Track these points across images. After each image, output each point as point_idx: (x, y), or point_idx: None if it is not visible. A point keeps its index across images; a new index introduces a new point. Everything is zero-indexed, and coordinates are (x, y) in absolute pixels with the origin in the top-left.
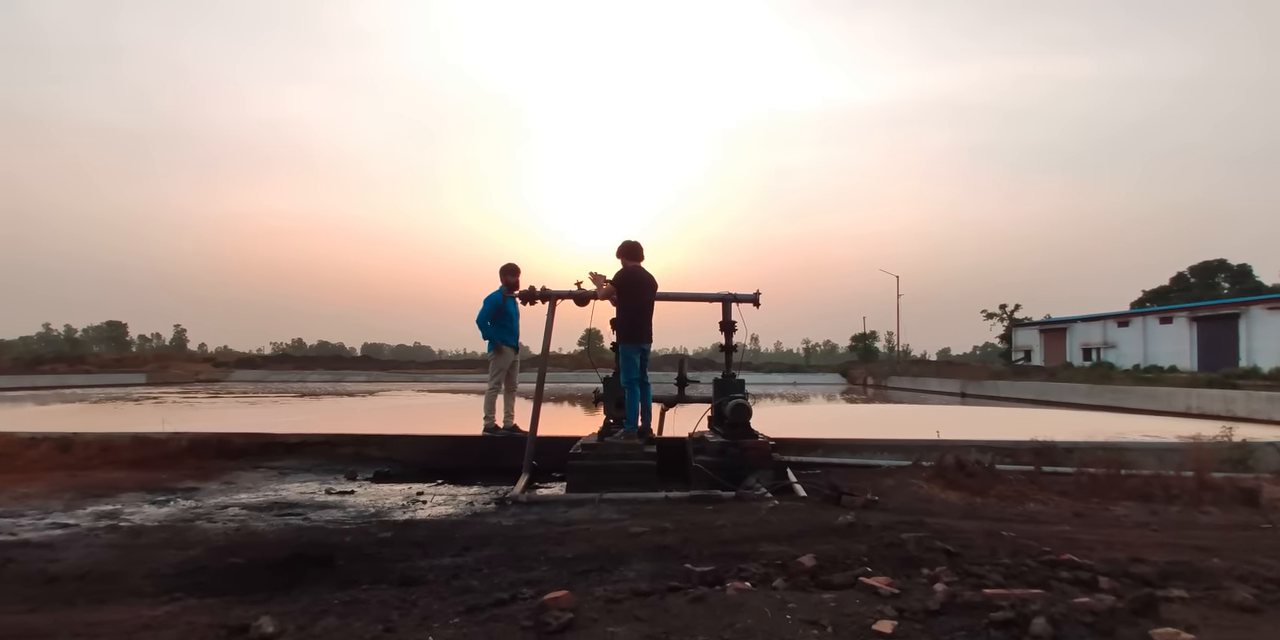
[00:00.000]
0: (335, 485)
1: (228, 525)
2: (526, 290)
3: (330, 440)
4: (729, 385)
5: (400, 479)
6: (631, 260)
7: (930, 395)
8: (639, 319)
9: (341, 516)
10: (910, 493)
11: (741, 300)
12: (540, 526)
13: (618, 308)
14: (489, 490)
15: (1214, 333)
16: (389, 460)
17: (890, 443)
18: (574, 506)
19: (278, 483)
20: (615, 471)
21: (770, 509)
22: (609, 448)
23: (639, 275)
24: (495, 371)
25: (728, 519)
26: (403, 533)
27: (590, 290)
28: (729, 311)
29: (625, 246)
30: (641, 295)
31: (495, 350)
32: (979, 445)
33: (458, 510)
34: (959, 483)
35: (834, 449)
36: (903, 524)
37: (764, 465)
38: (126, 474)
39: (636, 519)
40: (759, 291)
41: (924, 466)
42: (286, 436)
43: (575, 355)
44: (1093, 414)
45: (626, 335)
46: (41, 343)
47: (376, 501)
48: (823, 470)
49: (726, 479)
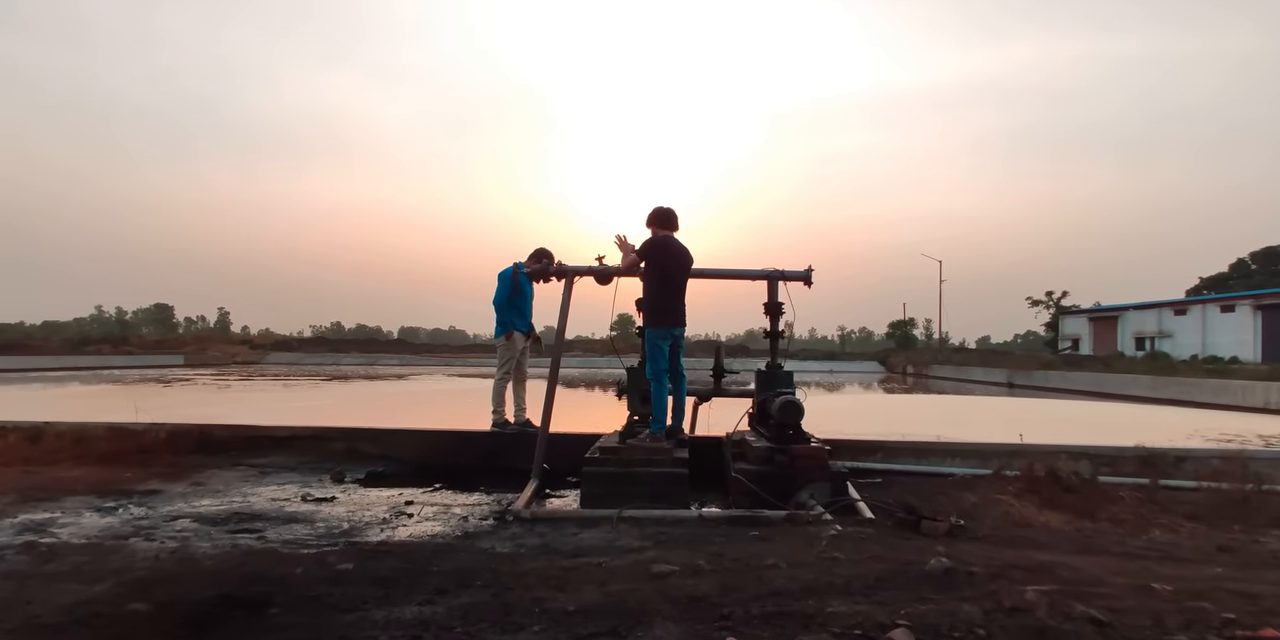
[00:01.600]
0: (316, 489)
1: (164, 545)
2: (540, 267)
3: (321, 434)
4: (775, 378)
5: (393, 481)
6: (663, 229)
7: (975, 385)
8: (669, 298)
9: (306, 535)
10: (1001, 513)
11: (790, 278)
12: (541, 557)
13: (645, 284)
14: (491, 499)
15: None
16: (384, 458)
17: (963, 446)
18: (586, 527)
19: (253, 485)
20: (638, 481)
21: (833, 538)
22: (631, 452)
23: (671, 246)
24: (504, 359)
25: (780, 554)
26: (368, 564)
27: (613, 266)
28: (775, 291)
29: (656, 213)
30: (673, 270)
31: (505, 335)
32: (1070, 451)
33: (446, 528)
34: (1058, 501)
35: (896, 453)
36: (1015, 569)
37: (819, 477)
38: (88, 471)
39: (663, 549)
40: (811, 268)
41: (1008, 478)
42: (274, 430)
43: (609, 340)
44: (1162, 409)
45: (654, 317)
46: (94, 324)
47: (355, 513)
48: (884, 479)
49: (773, 494)
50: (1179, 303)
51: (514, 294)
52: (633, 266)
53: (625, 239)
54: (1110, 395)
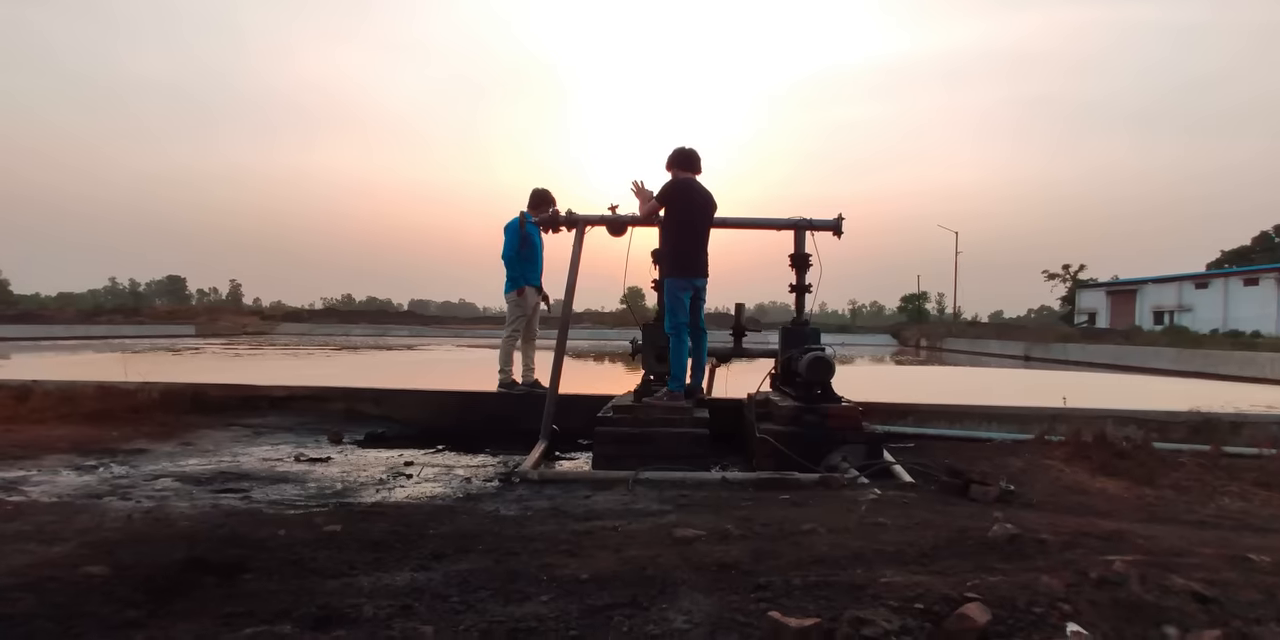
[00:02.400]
0: (311, 450)
1: (139, 505)
2: (548, 216)
3: (319, 394)
4: (801, 335)
5: (393, 443)
6: (685, 171)
7: (991, 358)
8: (690, 245)
9: (294, 496)
10: (1051, 479)
11: (819, 227)
12: (551, 521)
13: (663, 231)
14: (496, 461)
15: None
16: (385, 419)
17: (1000, 410)
18: (600, 489)
19: (245, 445)
20: (655, 441)
21: (873, 503)
22: (648, 410)
23: (693, 189)
24: (515, 316)
25: (817, 519)
26: (359, 526)
27: (627, 215)
28: (802, 242)
29: (677, 154)
30: (694, 215)
31: (516, 291)
32: (1117, 416)
33: (447, 490)
34: (1112, 466)
35: (929, 417)
36: (1089, 537)
37: (853, 439)
38: (73, 430)
39: (685, 513)
40: (841, 216)
41: (1053, 443)
42: (271, 389)
43: (618, 313)
44: (1189, 382)
45: (674, 266)
46: (107, 296)
47: (350, 474)
48: (916, 444)
49: (803, 456)
50: (1200, 276)
51: (523, 246)
52: (652, 213)
53: (642, 185)
54: (1132, 368)
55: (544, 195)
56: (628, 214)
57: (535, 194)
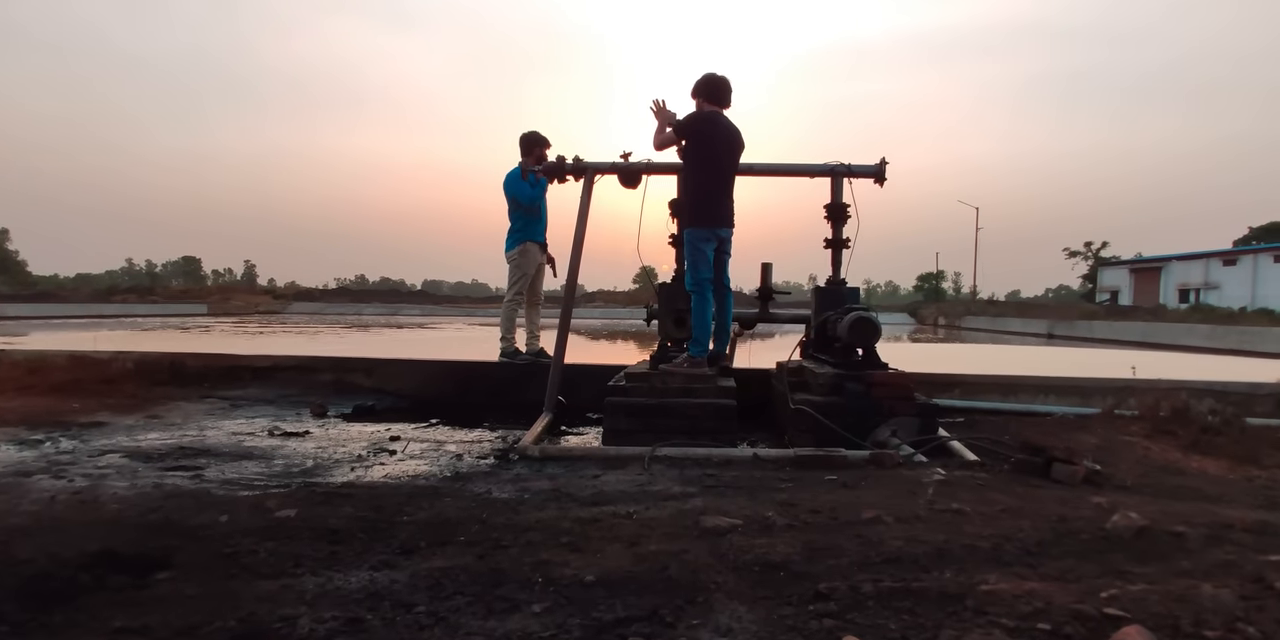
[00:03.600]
0: (290, 424)
1: (70, 484)
2: (553, 163)
3: (306, 364)
4: (838, 295)
5: (383, 416)
6: (712, 103)
7: (1013, 336)
8: (715, 189)
9: (255, 474)
10: (1137, 458)
11: (858, 174)
12: (551, 505)
13: (685, 171)
14: (494, 436)
15: None
16: (377, 392)
17: (1058, 382)
18: (611, 468)
19: (217, 418)
20: (674, 413)
21: (940, 485)
22: (666, 378)
23: (720, 124)
24: (517, 277)
25: (877, 504)
26: (317, 511)
27: (641, 162)
28: (840, 190)
29: (706, 81)
30: (720, 152)
31: (518, 248)
32: (1192, 388)
33: (434, 468)
34: (1205, 444)
35: (978, 389)
36: (1231, 529)
37: (903, 410)
38: (31, 400)
39: (713, 496)
40: (885, 161)
41: (1124, 417)
42: (254, 359)
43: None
44: (1230, 359)
45: (696, 214)
46: (124, 276)
47: (326, 449)
48: (966, 419)
49: (846, 430)
50: (1228, 253)
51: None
52: (666, 144)
53: (664, 104)
54: (1162, 346)
55: (534, 138)
56: (642, 161)
57: (525, 139)
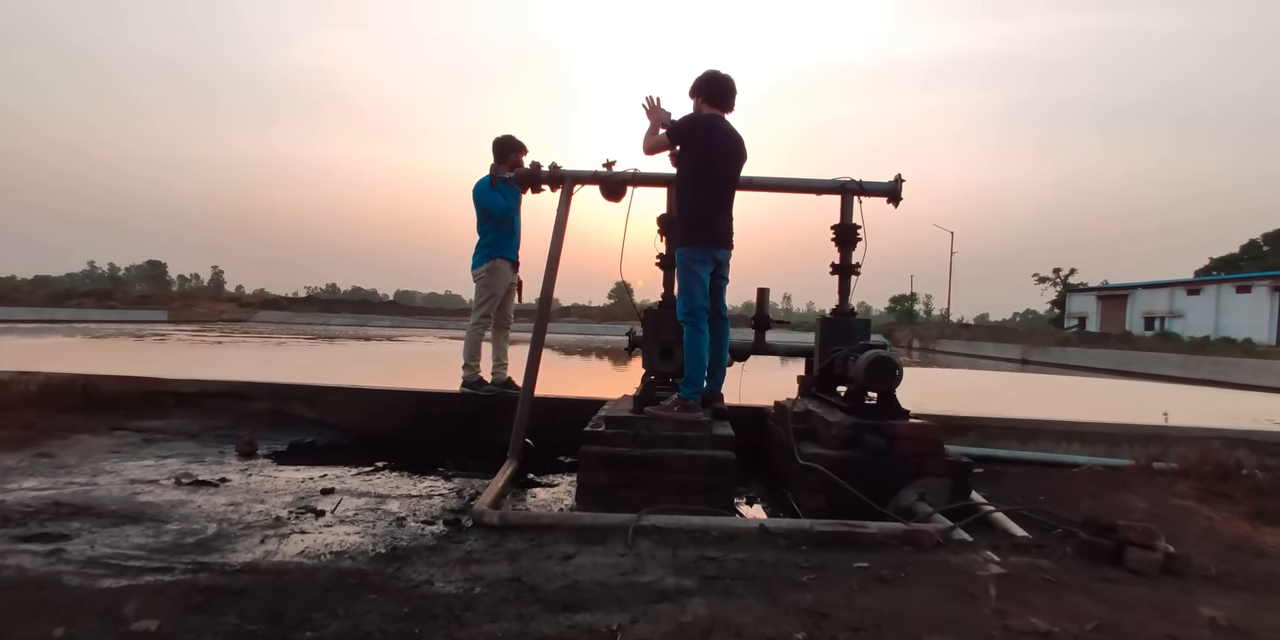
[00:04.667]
0: (206, 467)
1: None
2: (527, 171)
3: (240, 391)
4: (845, 327)
5: (323, 456)
6: (713, 105)
7: (987, 361)
8: (712, 203)
9: (134, 549)
10: (1201, 530)
11: (870, 191)
12: (510, 611)
13: (678, 183)
14: (449, 488)
15: None
16: (319, 424)
17: (1082, 427)
18: (586, 542)
19: (122, 458)
20: (662, 467)
21: (999, 581)
22: (653, 425)
23: (720, 129)
24: (484, 298)
25: (932, 617)
26: (190, 621)
27: (626, 172)
28: (849, 211)
29: (707, 79)
30: (719, 162)
31: (486, 265)
32: (1226, 437)
33: (366, 539)
34: (1268, 513)
35: (995, 433)
36: None
37: (932, 468)
38: None
39: (717, 595)
40: (900, 178)
41: (1162, 471)
42: (179, 384)
43: (606, 307)
44: (1212, 391)
45: (689, 232)
46: (85, 279)
47: (240, 508)
48: (985, 469)
49: (864, 490)
50: (1192, 282)
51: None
52: (658, 148)
53: (658, 103)
54: (1135, 374)
55: (509, 143)
56: (627, 170)
57: (499, 143)
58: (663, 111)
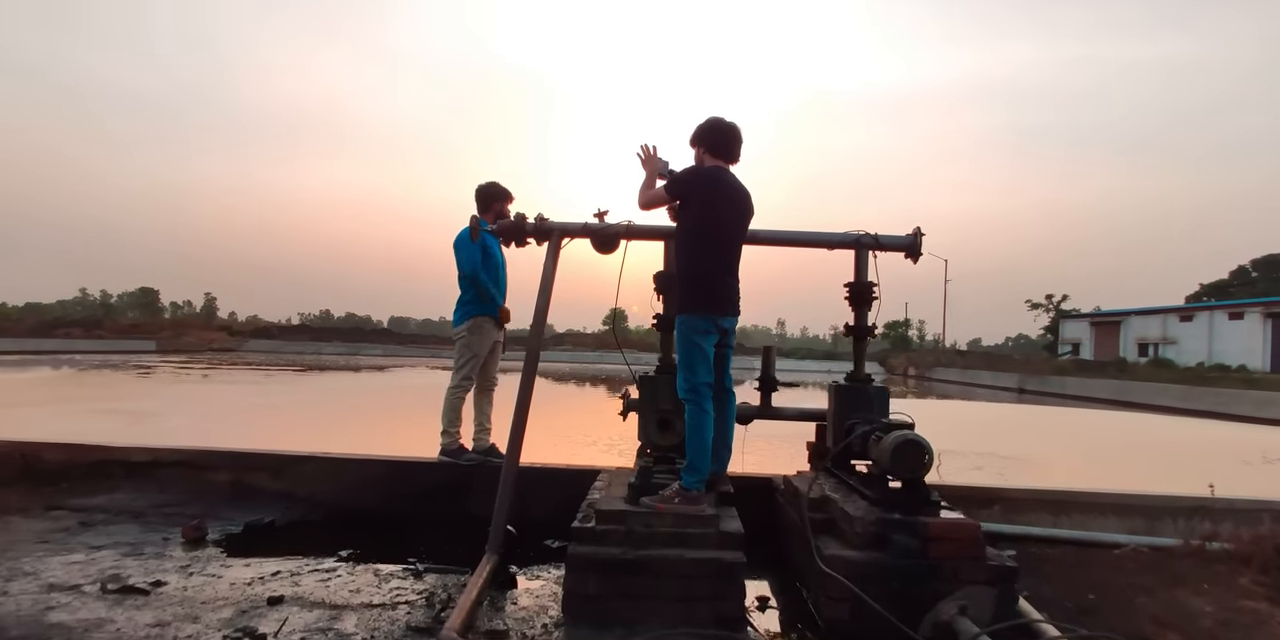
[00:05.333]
0: (141, 565)
1: None
2: (510, 222)
3: (197, 461)
4: (862, 396)
5: (284, 540)
6: (717, 157)
7: (984, 390)
8: (716, 264)
9: None
10: None
11: (887, 246)
12: None
13: (679, 239)
14: (419, 590)
15: None
16: (286, 497)
17: (1119, 500)
18: None
19: (49, 551)
20: (661, 572)
21: None
22: (651, 520)
23: (726, 183)
24: (466, 359)
25: None
26: None
27: (619, 224)
28: (864, 267)
29: (711, 128)
30: (724, 219)
31: (468, 323)
32: (1272, 510)
33: None
34: None
35: (1021, 506)
36: None
37: (973, 574)
38: None
39: None
40: (920, 232)
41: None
42: (130, 452)
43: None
44: (1221, 424)
45: (691, 296)
46: (76, 306)
47: (166, 631)
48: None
49: (893, 601)
50: (1185, 309)
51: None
52: (655, 202)
53: (655, 151)
54: (1135, 405)
55: (494, 191)
56: (621, 223)
57: (483, 191)
58: (659, 161)
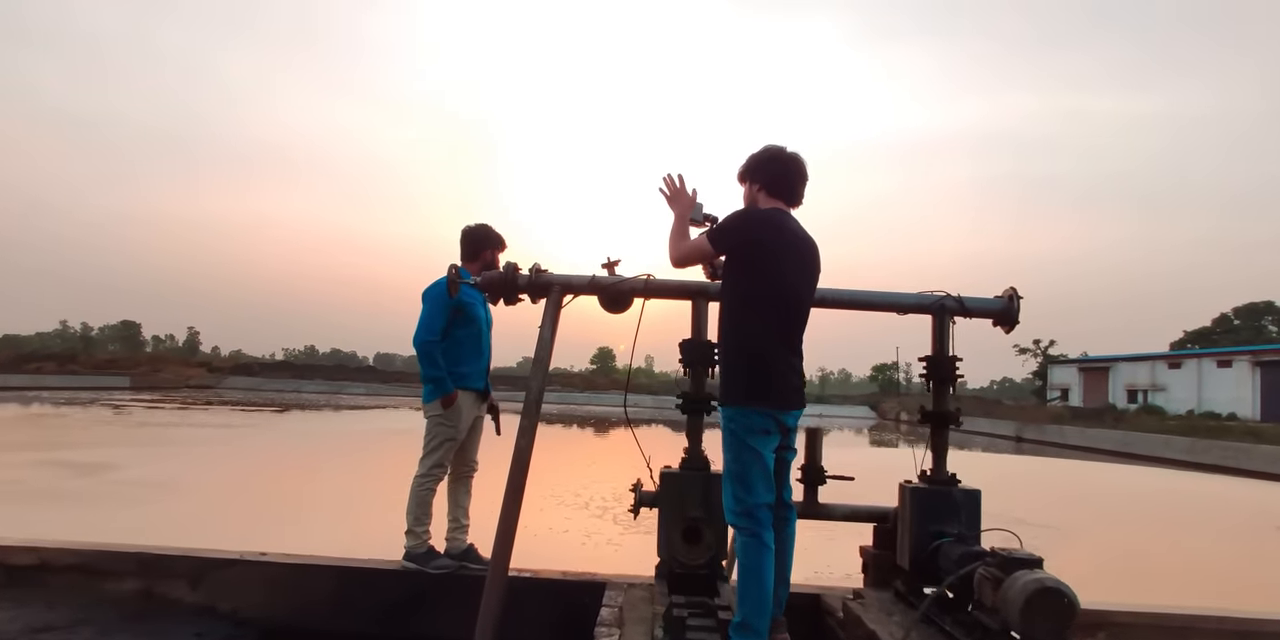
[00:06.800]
0: None
1: None
2: (498, 274)
3: (95, 565)
4: (945, 502)
5: None
6: (775, 197)
7: (980, 438)
8: (778, 338)
9: None
10: None
11: (974, 312)
12: None
13: (726, 307)
14: None
15: None
16: (207, 614)
17: (1249, 626)
18: None
19: None
20: None
21: None
22: None
23: (789, 230)
24: (438, 442)
25: None
26: None
27: (634, 280)
28: (945, 335)
29: (769, 159)
30: (790, 275)
31: (441, 398)
32: None
33: None
34: None
35: (1134, 634)
36: None
37: None
38: None
39: None
40: (1015, 294)
41: None
42: (10, 553)
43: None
44: (1235, 481)
45: (746, 383)
46: (56, 339)
47: None
48: None
49: None
50: (1173, 356)
51: (453, 319)
52: (693, 256)
53: (681, 184)
54: (1139, 457)
55: (483, 235)
56: (637, 277)
57: (470, 235)
58: (688, 199)
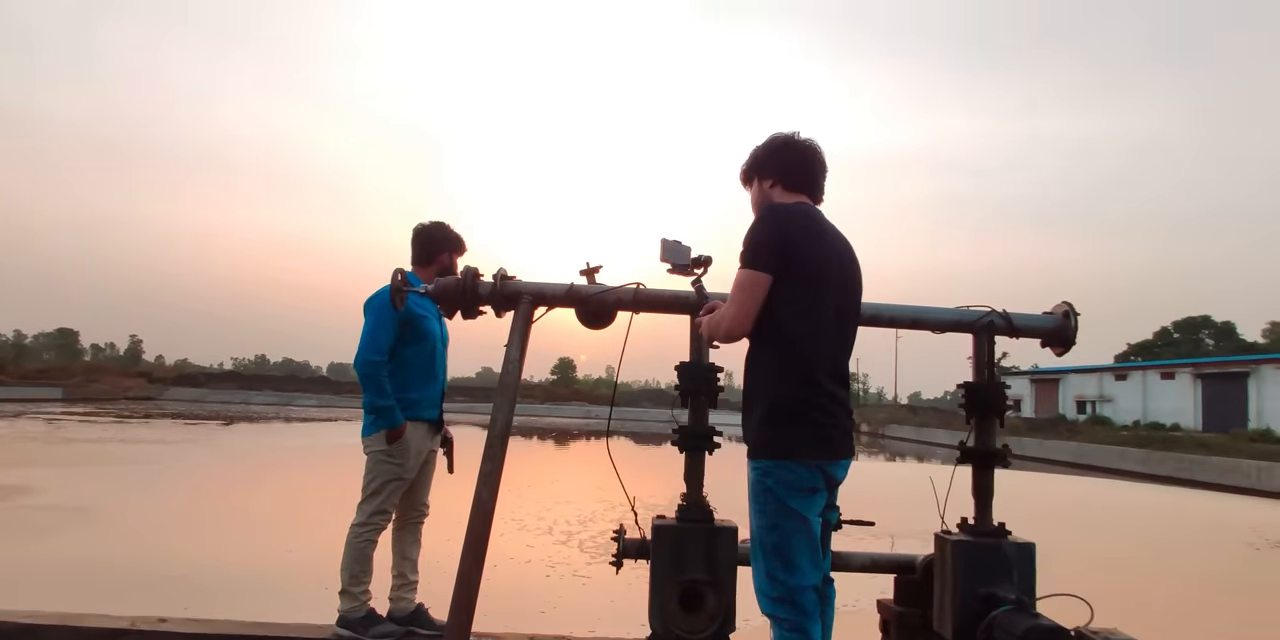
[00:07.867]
0: None
1: None
2: (453, 280)
3: None
4: (996, 559)
5: None
6: (794, 191)
7: (940, 449)
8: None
9: None
10: None
11: (1023, 331)
12: None
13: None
14: None
15: (1220, 391)
16: None
17: None
18: None
19: None
20: None
21: None
22: None
23: (828, 231)
24: (380, 483)
25: None
26: None
27: (621, 289)
28: (989, 358)
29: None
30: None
31: (385, 432)
32: None
33: None
34: None
35: None
36: None
37: None
38: None
39: None
40: (1070, 311)
41: None
42: None
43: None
44: (1191, 493)
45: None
46: None
47: None
48: None
49: None
50: (1119, 368)
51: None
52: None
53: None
54: (1094, 468)
55: (438, 235)
56: (625, 286)
57: (423, 236)
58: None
